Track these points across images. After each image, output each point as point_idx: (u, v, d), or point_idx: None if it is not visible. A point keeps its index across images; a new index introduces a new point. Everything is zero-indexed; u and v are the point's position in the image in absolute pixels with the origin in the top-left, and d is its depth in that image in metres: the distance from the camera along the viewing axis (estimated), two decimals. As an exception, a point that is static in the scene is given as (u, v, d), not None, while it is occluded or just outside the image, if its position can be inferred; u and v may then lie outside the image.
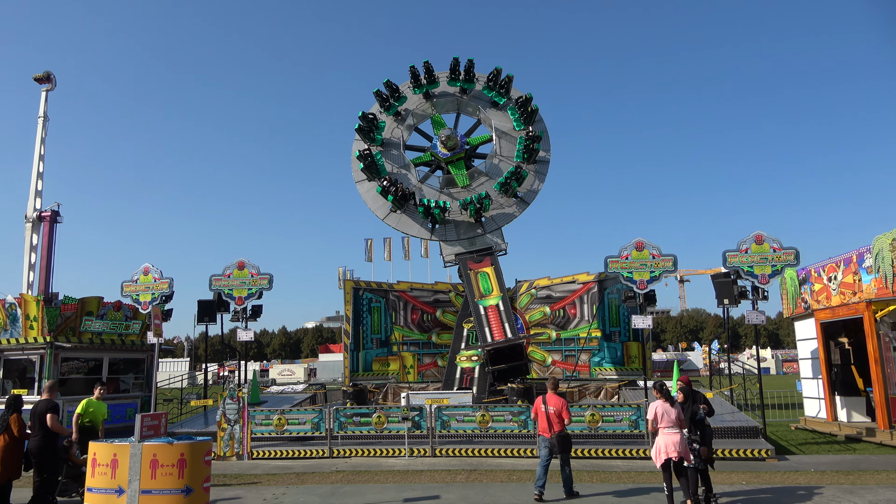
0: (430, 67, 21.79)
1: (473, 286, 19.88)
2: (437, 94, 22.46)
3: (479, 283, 19.90)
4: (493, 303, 19.22)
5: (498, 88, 21.58)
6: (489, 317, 18.95)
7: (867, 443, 14.72)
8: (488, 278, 19.90)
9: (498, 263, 20.40)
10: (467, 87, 22.02)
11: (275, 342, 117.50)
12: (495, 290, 19.52)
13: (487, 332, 18.59)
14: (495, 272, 19.95)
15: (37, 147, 21.34)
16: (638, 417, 13.44)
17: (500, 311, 18.94)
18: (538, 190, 20.81)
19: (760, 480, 10.64)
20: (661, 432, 8.61)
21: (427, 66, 21.79)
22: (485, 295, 19.51)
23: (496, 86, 21.55)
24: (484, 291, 19.62)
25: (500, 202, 20.61)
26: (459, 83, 21.91)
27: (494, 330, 18.58)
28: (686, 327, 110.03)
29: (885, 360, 14.35)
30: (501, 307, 19.00)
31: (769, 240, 15.23)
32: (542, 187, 20.90)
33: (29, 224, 20.53)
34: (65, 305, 16.25)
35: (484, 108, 22.07)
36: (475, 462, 12.88)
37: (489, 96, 21.85)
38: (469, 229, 20.68)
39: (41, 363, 15.36)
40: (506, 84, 21.46)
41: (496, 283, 19.67)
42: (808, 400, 18.76)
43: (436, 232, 20.71)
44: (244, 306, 17.73)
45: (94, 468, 8.15)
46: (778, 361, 71.24)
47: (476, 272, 20.20)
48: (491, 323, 18.78)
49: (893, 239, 14.01)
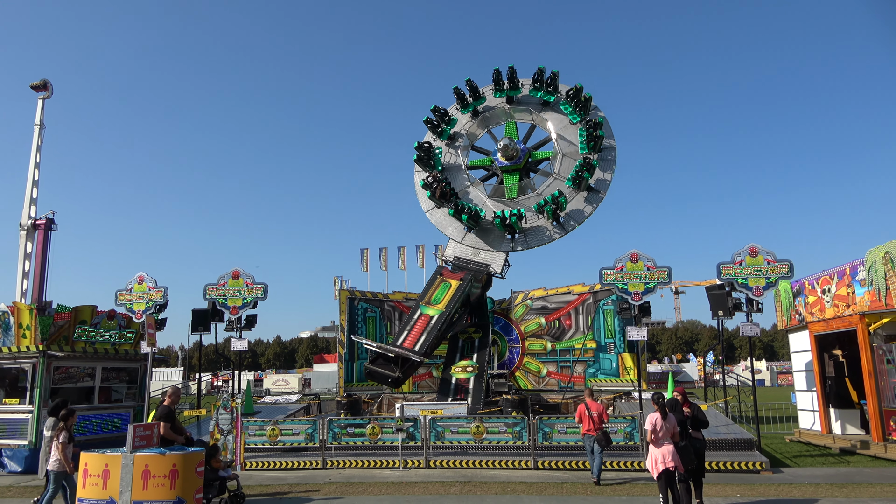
0: (473, 85, 21.65)
1: (429, 290, 19.79)
2: (483, 109, 22.39)
3: (436, 291, 19.75)
4: (430, 313, 18.89)
5: (545, 87, 21.23)
6: (417, 323, 18.67)
7: (861, 455, 14.73)
8: (447, 291, 19.64)
9: (469, 282, 19.94)
10: (513, 95, 21.76)
11: (269, 352, 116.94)
12: (442, 304, 19.13)
13: (403, 335, 18.32)
14: (456, 289, 19.58)
15: (32, 155, 21.28)
16: (633, 429, 13.43)
17: (429, 324, 18.52)
18: (610, 180, 20.02)
19: (755, 493, 10.62)
20: (658, 443, 8.64)
21: (470, 85, 21.64)
22: (431, 303, 19.27)
23: (542, 85, 21.21)
24: (433, 300, 19.38)
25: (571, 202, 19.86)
26: (505, 93, 21.69)
27: (410, 336, 18.24)
28: (681, 339, 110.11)
29: (878, 373, 14.40)
30: (433, 321, 18.58)
31: (763, 252, 15.29)
32: (613, 176, 20.09)
33: (23, 232, 20.41)
34: (58, 314, 16.17)
35: (536, 111, 21.72)
36: (470, 474, 12.82)
37: (538, 97, 21.53)
38: (497, 241, 20.46)
39: (33, 372, 15.25)
40: (552, 81, 21.11)
41: (448, 298, 19.28)
42: (803, 412, 18.78)
43: (465, 238, 20.71)
44: (238, 316, 17.68)
45: (86, 478, 8.09)
46: (773, 373, 71.31)
47: (443, 280, 20.14)
48: (413, 329, 18.47)
49: (886, 252, 14.10)
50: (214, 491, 10.09)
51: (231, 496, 10.08)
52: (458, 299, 19.38)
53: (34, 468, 14.50)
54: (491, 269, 20.51)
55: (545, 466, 13.20)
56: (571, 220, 20.01)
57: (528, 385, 22.80)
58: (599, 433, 11.92)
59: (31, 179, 20.97)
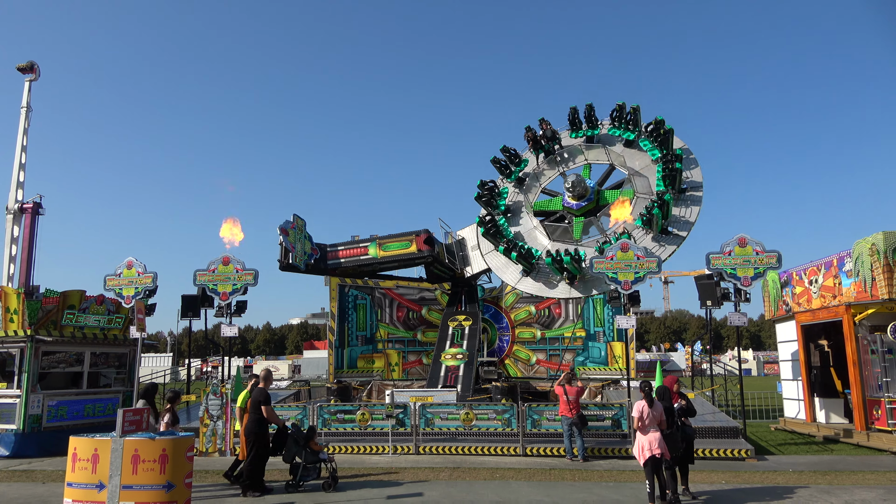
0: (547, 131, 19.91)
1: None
2: (558, 151, 20.48)
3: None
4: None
5: (625, 125, 19.27)
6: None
7: (845, 444, 14.95)
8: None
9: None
10: (592, 134, 19.92)
11: (259, 338, 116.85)
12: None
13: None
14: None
15: (19, 138, 21.06)
16: (621, 417, 13.58)
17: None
18: (694, 220, 17.10)
19: (740, 480, 10.77)
20: (645, 430, 8.76)
21: (544, 126, 19.91)
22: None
23: (622, 122, 19.33)
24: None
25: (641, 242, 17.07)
26: (582, 133, 20.02)
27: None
28: (669, 328, 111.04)
29: (863, 363, 14.59)
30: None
31: (752, 243, 15.39)
32: (698, 215, 17.16)
33: (10, 216, 20.24)
34: (46, 299, 16.04)
35: (614, 150, 19.63)
36: (459, 460, 12.92)
37: (618, 135, 19.51)
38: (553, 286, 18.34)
39: (21, 357, 15.15)
40: (632, 116, 19.07)
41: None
42: (788, 401, 19.02)
43: (521, 283, 18.98)
44: (228, 301, 17.62)
45: (75, 463, 8.07)
46: (759, 363, 72.02)
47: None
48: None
49: (873, 244, 14.24)
50: (316, 473, 10.25)
51: (328, 478, 10.16)
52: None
53: (22, 452, 14.47)
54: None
55: (534, 453, 13.33)
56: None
57: (517, 373, 22.95)
58: (576, 416, 12.72)
59: (17, 162, 20.76)
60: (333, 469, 10.30)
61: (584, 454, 12.67)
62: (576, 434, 12.76)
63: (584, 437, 12.95)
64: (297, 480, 10.10)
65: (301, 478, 10.11)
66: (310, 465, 10.19)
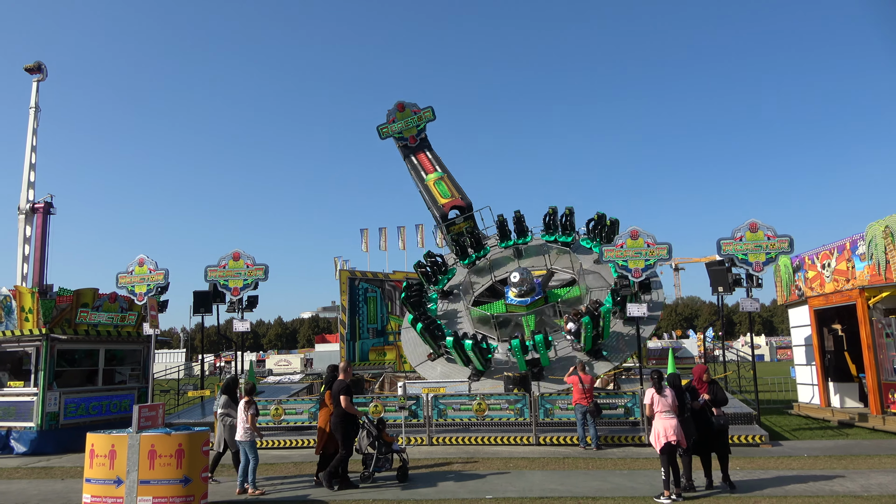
0: (476, 236, 19.35)
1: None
2: (489, 259, 19.95)
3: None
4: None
5: (561, 229, 18.80)
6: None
7: (860, 428, 14.88)
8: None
9: None
10: (523, 242, 19.47)
11: (271, 332, 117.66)
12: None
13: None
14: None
15: (29, 138, 21.20)
16: (633, 405, 13.56)
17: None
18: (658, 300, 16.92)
19: (755, 465, 10.74)
20: (659, 417, 8.74)
21: (473, 234, 19.33)
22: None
23: (556, 228, 18.87)
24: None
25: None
26: (511, 242, 19.46)
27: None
28: (681, 315, 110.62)
29: (877, 347, 14.48)
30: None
31: (763, 227, 15.26)
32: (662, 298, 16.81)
33: (22, 216, 20.41)
34: (60, 297, 16.19)
35: (549, 256, 19.09)
36: (472, 450, 12.97)
37: (551, 240, 19.13)
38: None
39: (37, 355, 15.33)
40: (567, 219, 18.68)
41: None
42: (802, 386, 18.93)
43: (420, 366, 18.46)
44: (240, 297, 17.71)
45: (93, 459, 8.19)
46: (772, 348, 71.76)
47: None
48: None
49: (886, 226, 14.09)
50: (389, 464, 10.35)
51: (401, 468, 10.26)
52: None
53: (40, 450, 14.67)
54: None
55: (547, 442, 13.35)
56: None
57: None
58: (591, 404, 12.69)
59: (28, 163, 20.90)
60: (405, 460, 10.39)
61: (597, 443, 12.70)
62: (589, 422, 12.77)
63: (596, 425, 12.97)
64: (371, 472, 10.18)
65: (375, 468, 10.21)
66: (381, 455, 10.28)
